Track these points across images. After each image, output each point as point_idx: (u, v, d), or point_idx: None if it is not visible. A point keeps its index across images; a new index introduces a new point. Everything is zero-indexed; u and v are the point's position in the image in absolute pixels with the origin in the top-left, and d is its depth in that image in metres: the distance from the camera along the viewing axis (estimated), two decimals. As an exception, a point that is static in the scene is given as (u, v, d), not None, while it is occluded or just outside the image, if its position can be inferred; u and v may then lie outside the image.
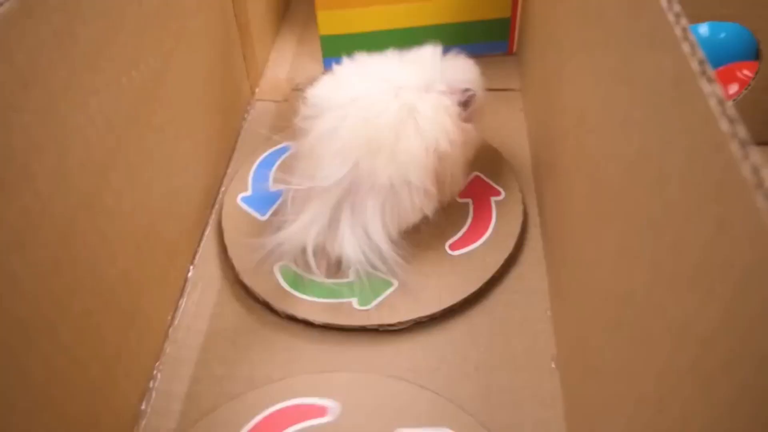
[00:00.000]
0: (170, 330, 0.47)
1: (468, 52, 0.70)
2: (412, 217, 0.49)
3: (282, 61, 0.74)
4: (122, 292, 0.40)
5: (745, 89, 0.56)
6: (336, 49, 0.70)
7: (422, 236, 0.51)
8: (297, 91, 0.69)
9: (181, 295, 0.50)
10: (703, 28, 0.65)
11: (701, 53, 0.24)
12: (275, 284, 0.48)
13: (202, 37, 0.54)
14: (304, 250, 0.48)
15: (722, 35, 0.65)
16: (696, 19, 0.52)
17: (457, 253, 0.50)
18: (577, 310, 0.41)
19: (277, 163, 0.58)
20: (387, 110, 0.46)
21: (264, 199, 0.55)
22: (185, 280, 0.51)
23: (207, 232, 0.55)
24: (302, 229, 0.47)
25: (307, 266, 0.48)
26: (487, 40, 0.70)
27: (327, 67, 0.72)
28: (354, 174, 0.45)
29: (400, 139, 0.45)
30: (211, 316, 0.48)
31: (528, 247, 0.52)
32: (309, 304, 0.47)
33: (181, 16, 0.49)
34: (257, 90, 0.70)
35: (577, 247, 0.41)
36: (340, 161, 0.45)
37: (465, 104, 0.49)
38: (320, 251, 0.48)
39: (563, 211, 0.47)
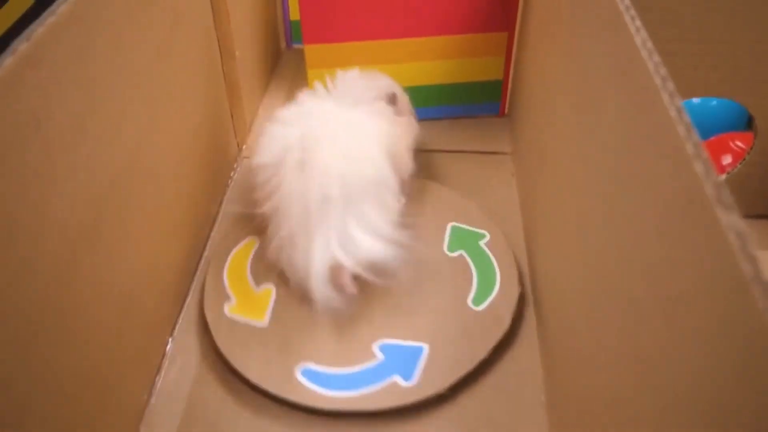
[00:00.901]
0: (146, 411, 0.45)
1: (460, 113, 0.71)
2: (393, 207, 0.51)
3: (270, 117, 0.72)
4: (98, 369, 0.38)
5: (740, 163, 0.56)
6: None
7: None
8: (285, 149, 0.68)
9: (158, 372, 0.47)
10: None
11: (696, 136, 0.24)
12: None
13: (189, 99, 0.53)
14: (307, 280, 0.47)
15: (713, 103, 0.65)
16: (689, 94, 0.52)
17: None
18: (576, 409, 0.39)
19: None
20: (327, 134, 0.49)
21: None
22: (163, 354, 0.48)
23: (188, 301, 0.53)
24: (309, 256, 0.47)
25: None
26: (479, 101, 0.70)
27: (316, 124, 0.71)
28: (329, 202, 0.47)
29: (350, 152, 0.49)
30: (189, 396, 0.46)
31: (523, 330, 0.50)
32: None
33: (169, 80, 0.48)
34: (245, 147, 0.68)
35: (574, 336, 0.40)
36: (306, 204, 0.47)
37: (391, 102, 0.56)
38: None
39: (558, 288, 0.45)
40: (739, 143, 0.61)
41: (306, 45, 0.64)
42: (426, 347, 0.47)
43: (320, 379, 0.45)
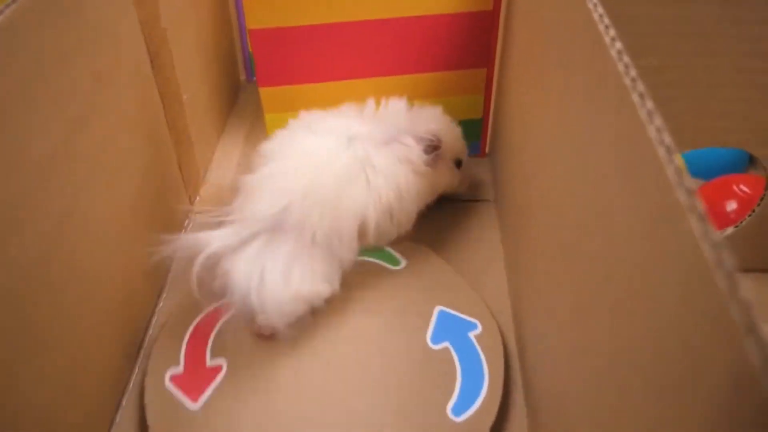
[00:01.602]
0: None
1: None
2: (329, 269, 0.46)
3: (227, 164, 0.65)
4: None
5: (749, 215, 0.50)
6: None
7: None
8: (243, 200, 0.61)
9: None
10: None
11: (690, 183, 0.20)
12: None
13: (124, 159, 0.45)
14: (196, 257, 0.43)
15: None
16: (693, 144, 0.46)
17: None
18: None
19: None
20: (336, 161, 0.47)
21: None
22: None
23: (117, 420, 0.44)
24: (207, 237, 0.44)
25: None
26: (456, 141, 0.63)
27: (278, 170, 0.64)
28: (281, 216, 0.44)
29: (343, 193, 0.46)
30: None
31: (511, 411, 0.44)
32: None
33: (97, 143, 0.41)
34: (197, 199, 0.61)
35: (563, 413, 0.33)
36: (271, 201, 0.45)
37: (428, 151, 0.50)
38: (213, 266, 0.44)
39: (546, 355, 0.39)
40: (744, 188, 0.55)
41: (261, 88, 0.57)
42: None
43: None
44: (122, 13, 0.45)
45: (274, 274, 0.43)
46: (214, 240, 0.44)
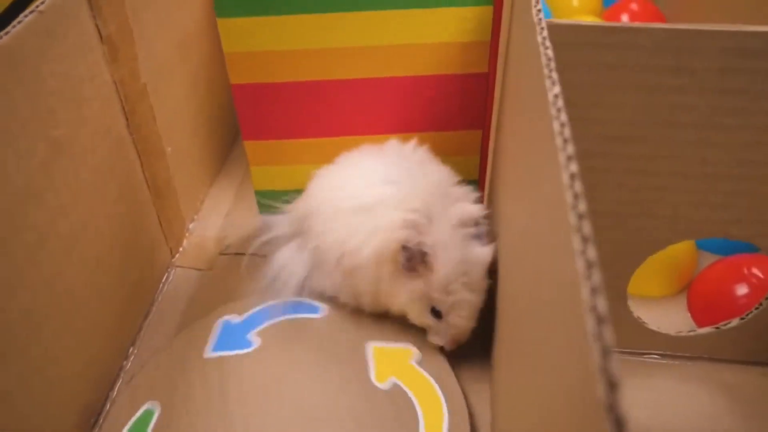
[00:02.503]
0: None
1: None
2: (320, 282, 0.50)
3: (215, 216, 0.64)
4: None
5: (757, 308, 0.45)
6: (273, 204, 0.60)
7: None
8: (225, 255, 0.59)
9: None
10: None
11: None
12: None
13: (89, 220, 0.44)
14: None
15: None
16: (692, 235, 0.42)
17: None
18: None
19: None
20: (357, 196, 0.47)
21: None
22: None
23: None
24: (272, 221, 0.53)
25: None
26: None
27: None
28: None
29: (335, 224, 0.48)
30: None
31: None
32: None
33: (54, 210, 0.39)
34: (179, 253, 0.59)
35: None
36: (304, 204, 0.51)
37: (406, 259, 0.43)
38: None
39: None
40: (756, 272, 0.50)
41: (245, 142, 0.56)
42: None
43: None
44: (89, 76, 0.43)
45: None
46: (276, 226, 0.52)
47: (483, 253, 0.44)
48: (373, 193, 0.46)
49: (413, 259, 0.43)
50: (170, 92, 0.56)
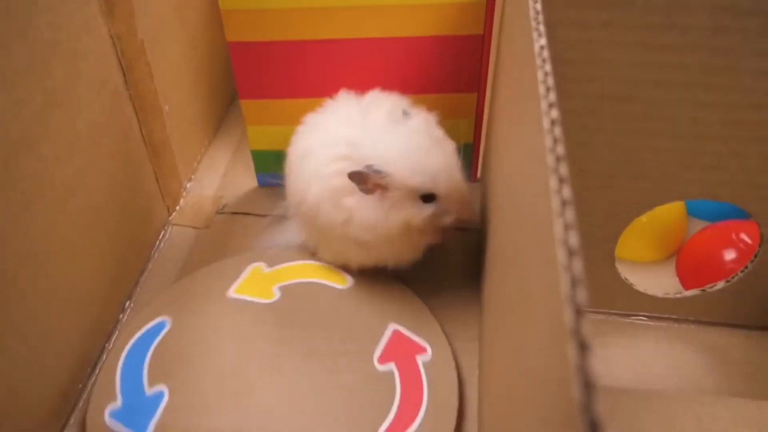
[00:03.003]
0: None
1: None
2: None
3: (213, 174, 0.64)
4: None
5: (742, 271, 0.46)
6: (269, 164, 0.61)
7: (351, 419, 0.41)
8: (222, 214, 0.60)
9: None
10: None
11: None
12: None
13: (83, 175, 0.44)
14: None
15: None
16: (681, 197, 0.42)
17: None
18: None
19: (151, 349, 0.46)
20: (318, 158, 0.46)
21: (141, 409, 0.42)
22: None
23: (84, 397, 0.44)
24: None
25: None
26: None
27: (261, 183, 0.63)
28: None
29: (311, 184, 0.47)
30: None
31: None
32: None
33: (49, 161, 0.40)
34: (176, 211, 0.60)
35: None
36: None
37: (354, 179, 0.44)
38: None
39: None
40: (744, 237, 0.51)
41: (242, 101, 0.56)
42: None
43: None
44: (85, 29, 0.44)
45: None
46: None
47: (417, 121, 0.46)
48: (314, 138, 0.47)
49: (368, 180, 0.43)
50: (168, 51, 0.56)
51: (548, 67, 0.27)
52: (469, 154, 0.61)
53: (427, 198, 0.45)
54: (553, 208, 0.20)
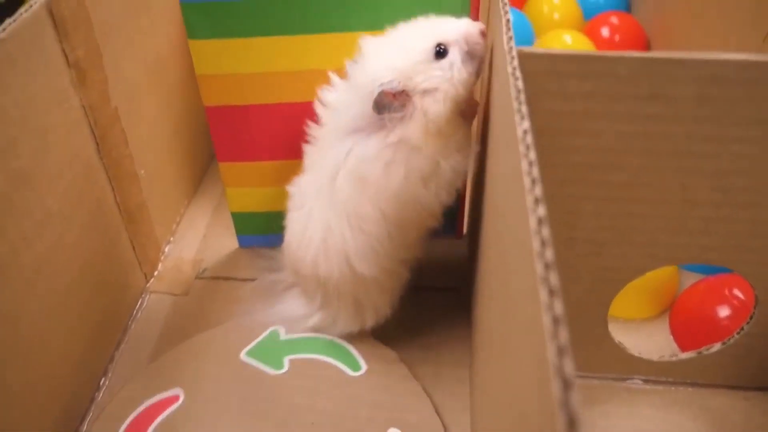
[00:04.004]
0: None
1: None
2: None
3: (192, 236, 0.62)
4: None
5: (738, 332, 0.45)
6: (250, 226, 0.59)
7: None
8: (202, 279, 0.58)
9: None
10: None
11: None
12: None
13: (54, 252, 0.43)
14: None
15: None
16: (670, 261, 0.41)
17: None
18: None
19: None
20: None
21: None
22: None
23: None
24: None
25: None
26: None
27: (242, 244, 0.61)
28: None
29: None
30: None
31: None
32: None
33: (16, 243, 0.38)
34: (154, 277, 0.58)
35: None
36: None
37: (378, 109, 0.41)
38: None
39: None
40: (737, 293, 0.50)
41: (220, 163, 0.54)
42: None
43: None
44: (56, 102, 0.42)
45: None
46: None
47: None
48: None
49: (390, 96, 0.41)
50: (144, 114, 0.55)
51: (533, 156, 0.25)
52: (454, 210, 0.59)
53: (440, 53, 0.42)
54: (537, 273, 0.20)
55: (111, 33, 0.48)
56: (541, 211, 0.23)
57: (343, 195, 0.43)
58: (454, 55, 0.42)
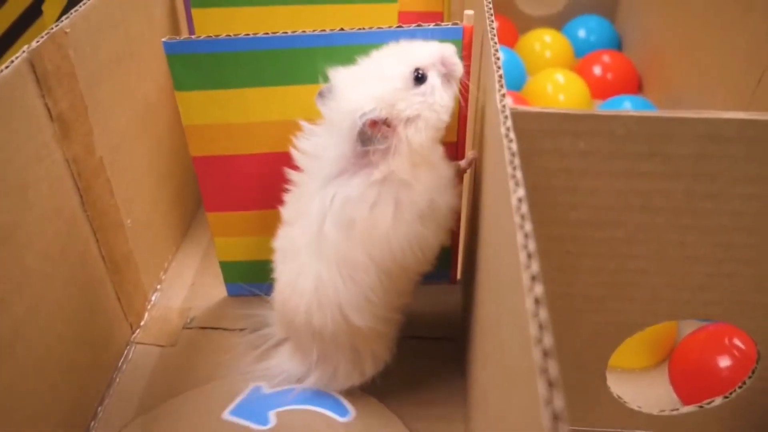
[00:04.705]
0: None
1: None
2: None
3: (180, 284, 0.61)
4: None
5: (740, 386, 0.44)
6: (238, 275, 0.58)
7: None
8: (189, 329, 0.56)
9: None
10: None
11: None
12: None
13: (34, 312, 0.41)
14: None
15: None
16: (671, 316, 0.40)
17: None
18: None
19: None
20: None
21: None
22: None
23: None
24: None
25: None
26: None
27: (230, 292, 0.59)
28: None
29: None
30: None
31: None
32: None
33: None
34: (140, 327, 0.56)
35: None
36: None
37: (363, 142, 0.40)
38: None
39: None
40: (738, 342, 0.49)
41: (208, 213, 0.53)
42: None
43: None
44: (36, 158, 0.41)
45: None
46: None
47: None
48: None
49: (373, 128, 0.39)
50: (131, 162, 0.54)
51: (528, 227, 0.24)
52: (447, 256, 0.58)
53: (419, 78, 0.41)
54: (531, 335, 0.19)
55: (97, 83, 0.47)
56: (535, 267, 0.22)
57: (331, 243, 0.42)
58: (434, 79, 0.41)
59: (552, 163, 0.34)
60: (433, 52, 0.41)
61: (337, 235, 0.41)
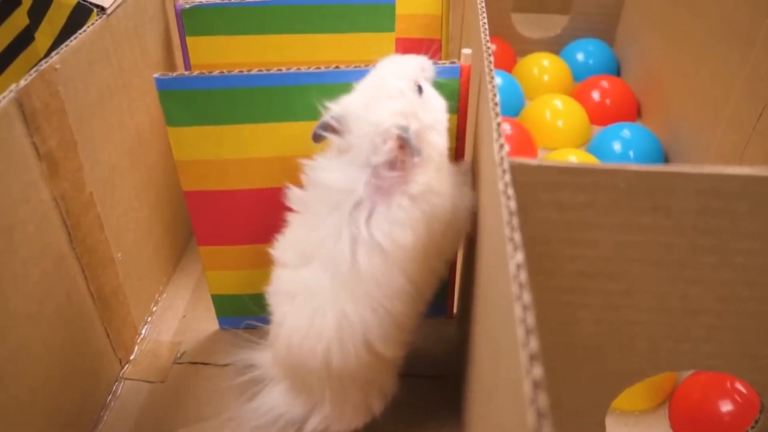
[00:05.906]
0: None
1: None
2: None
3: (170, 317, 0.60)
4: None
5: (742, 436, 0.43)
6: (231, 308, 0.57)
7: None
8: (180, 364, 0.55)
9: None
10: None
11: None
12: None
13: (17, 355, 0.40)
14: None
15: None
16: (672, 368, 0.39)
17: None
18: None
19: None
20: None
21: None
22: None
23: None
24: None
25: None
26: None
27: (222, 326, 0.58)
28: None
29: None
30: None
31: None
32: None
33: None
34: (129, 362, 0.55)
35: None
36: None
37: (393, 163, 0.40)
38: None
39: None
40: (739, 386, 0.48)
41: (200, 247, 0.52)
42: None
43: None
44: (23, 198, 0.40)
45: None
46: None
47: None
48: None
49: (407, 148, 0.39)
50: (121, 196, 0.53)
51: (527, 298, 0.23)
52: (444, 288, 0.57)
53: (420, 89, 0.42)
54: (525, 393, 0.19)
55: (88, 117, 0.46)
56: (530, 320, 0.22)
57: (365, 273, 0.40)
58: (428, 87, 0.42)
59: (551, 215, 0.33)
60: (416, 64, 0.43)
61: (371, 263, 0.40)
